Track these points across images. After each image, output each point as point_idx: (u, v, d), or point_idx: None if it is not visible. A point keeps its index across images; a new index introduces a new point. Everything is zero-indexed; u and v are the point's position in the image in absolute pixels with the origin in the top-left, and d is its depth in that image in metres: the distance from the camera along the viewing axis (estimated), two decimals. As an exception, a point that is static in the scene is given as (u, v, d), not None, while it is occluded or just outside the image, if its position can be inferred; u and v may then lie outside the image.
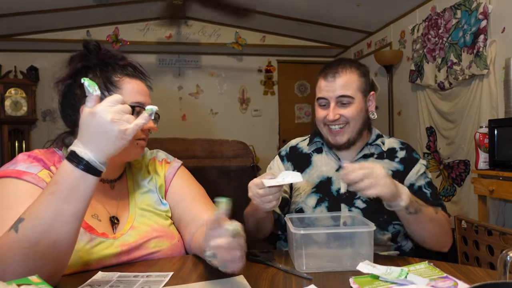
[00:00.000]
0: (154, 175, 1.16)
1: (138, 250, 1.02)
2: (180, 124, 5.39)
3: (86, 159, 0.76)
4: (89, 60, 1.01)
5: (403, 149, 1.33)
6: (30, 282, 0.76)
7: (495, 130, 2.27)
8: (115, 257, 0.98)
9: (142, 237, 1.03)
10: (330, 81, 1.25)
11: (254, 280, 0.87)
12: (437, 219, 1.14)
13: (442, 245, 1.19)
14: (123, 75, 1.01)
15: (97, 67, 1.00)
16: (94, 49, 1.02)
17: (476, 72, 2.80)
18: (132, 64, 1.06)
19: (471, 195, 2.92)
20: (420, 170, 1.28)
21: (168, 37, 5.01)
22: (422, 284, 0.79)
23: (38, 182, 0.91)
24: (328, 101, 1.26)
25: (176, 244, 1.08)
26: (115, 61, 1.03)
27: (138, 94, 1.01)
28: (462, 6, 2.98)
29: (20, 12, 3.95)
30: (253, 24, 4.86)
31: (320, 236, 0.99)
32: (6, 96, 4.54)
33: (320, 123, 1.30)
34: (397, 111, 4.16)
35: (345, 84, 1.24)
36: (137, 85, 1.02)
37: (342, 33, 4.75)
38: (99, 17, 4.49)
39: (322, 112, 1.28)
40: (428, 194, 1.24)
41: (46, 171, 0.94)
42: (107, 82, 0.99)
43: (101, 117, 0.75)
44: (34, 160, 0.95)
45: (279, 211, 1.32)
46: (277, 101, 5.68)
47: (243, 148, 2.28)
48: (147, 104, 0.99)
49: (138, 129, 0.79)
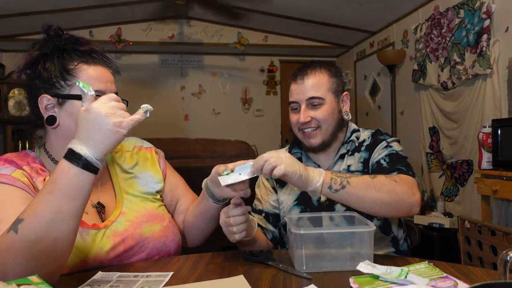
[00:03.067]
0: (141, 162, 1.15)
1: (132, 238, 1.02)
2: (183, 124, 5.40)
3: (83, 155, 0.76)
4: (46, 47, 0.99)
5: (370, 137, 1.28)
6: (30, 282, 0.77)
7: (499, 130, 2.26)
8: (111, 250, 0.98)
9: (132, 224, 1.03)
10: (300, 83, 1.24)
11: (254, 280, 0.87)
12: (377, 183, 1.04)
13: (406, 209, 1.06)
14: (80, 62, 0.97)
15: (54, 54, 0.98)
16: (55, 34, 0.99)
17: (479, 71, 2.79)
18: (93, 49, 1.02)
19: (474, 195, 2.91)
20: (382, 146, 1.22)
21: (170, 37, 5.02)
22: (422, 284, 0.78)
23: (13, 182, 0.89)
24: (299, 104, 1.24)
25: (167, 226, 1.09)
26: (74, 47, 0.99)
27: (97, 82, 0.96)
28: (465, 6, 2.96)
29: (23, 12, 3.97)
30: (255, 24, 4.86)
31: (320, 236, 0.99)
32: (9, 97, 4.56)
33: (294, 128, 1.28)
34: (400, 111, 4.15)
35: (314, 86, 1.23)
36: (95, 72, 0.98)
37: (344, 33, 4.74)
38: (102, 17, 4.50)
39: (294, 117, 1.26)
40: (384, 165, 1.17)
41: (20, 171, 0.92)
42: (63, 71, 0.96)
43: (96, 112, 0.77)
44: (6, 163, 0.93)
45: (272, 228, 1.32)
46: (280, 101, 5.68)
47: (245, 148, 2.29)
48: (109, 91, 0.97)
49: (134, 124, 0.80)
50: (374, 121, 4.58)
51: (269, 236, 1.32)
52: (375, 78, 4.66)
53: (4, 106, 4.52)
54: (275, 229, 1.32)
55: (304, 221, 1.13)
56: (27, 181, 0.92)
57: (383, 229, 1.23)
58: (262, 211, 1.34)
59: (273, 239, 1.32)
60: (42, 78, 0.97)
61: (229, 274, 0.91)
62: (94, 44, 1.03)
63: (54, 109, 0.97)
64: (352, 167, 1.26)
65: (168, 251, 1.08)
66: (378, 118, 4.56)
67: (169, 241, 1.08)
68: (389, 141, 1.24)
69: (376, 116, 4.63)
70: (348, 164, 1.26)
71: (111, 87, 1.00)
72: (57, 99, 0.96)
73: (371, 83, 4.75)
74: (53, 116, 0.96)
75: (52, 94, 0.96)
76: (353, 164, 1.26)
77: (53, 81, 0.96)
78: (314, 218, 1.14)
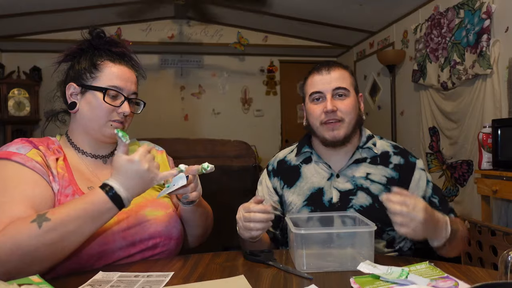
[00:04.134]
0: None
1: (135, 217, 1.06)
2: (182, 124, 5.40)
3: (121, 196, 0.91)
4: (84, 44, 1.11)
5: (397, 154, 1.26)
6: (31, 282, 0.77)
7: (499, 130, 2.26)
8: (115, 223, 1.02)
9: (136, 206, 1.07)
10: (325, 74, 1.23)
11: (254, 280, 0.87)
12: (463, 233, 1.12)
13: (458, 252, 1.17)
14: (107, 59, 1.08)
15: (89, 51, 1.10)
16: (96, 35, 1.11)
17: (479, 71, 2.79)
18: (124, 52, 1.13)
19: (474, 195, 2.91)
20: (422, 178, 1.23)
21: (170, 37, 5.02)
22: (423, 284, 0.78)
23: (25, 162, 0.97)
24: (323, 94, 1.22)
25: (170, 213, 1.12)
26: (108, 47, 1.11)
27: (117, 78, 1.07)
28: (465, 6, 2.96)
29: (23, 12, 3.97)
30: (255, 24, 4.86)
31: (321, 236, 0.99)
32: (9, 97, 4.57)
33: (316, 120, 1.23)
34: (400, 111, 4.15)
35: (340, 77, 1.23)
36: (118, 70, 1.08)
37: (344, 33, 4.74)
38: (102, 18, 4.50)
39: (317, 108, 1.23)
40: (436, 203, 1.21)
41: (35, 150, 1.01)
42: (91, 64, 1.07)
43: (139, 165, 0.92)
44: (26, 142, 1.03)
45: (273, 230, 1.31)
46: (279, 101, 5.68)
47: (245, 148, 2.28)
48: (127, 90, 1.08)
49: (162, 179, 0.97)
50: (374, 121, 4.58)
51: (270, 235, 1.32)
52: (375, 78, 4.66)
53: (4, 106, 4.52)
54: (274, 231, 1.31)
55: (314, 222, 1.13)
56: (41, 159, 1.00)
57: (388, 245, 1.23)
58: None
59: (274, 239, 1.32)
60: (73, 69, 1.10)
61: (229, 274, 0.91)
62: (127, 48, 1.15)
63: (77, 97, 1.08)
64: (373, 177, 1.23)
65: (169, 235, 1.09)
66: (378, 118, 4.56)
67: (171, 226, 1.10)
68: (422, 168, 1.26)
69: (376, 116, 4.63)
70: (367, 172, 1.24)
71: (131, 86, 1.09)
72: (81, 88, 1.07)
73: (371, 83, 4.75)
74: (75, 102, 1.08)
75: (78, 83, 1.07)
76: (374, 174, 1.24)
77: (81, 72, 1.08)
78: (324, 218, 1.14)
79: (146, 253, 1.06)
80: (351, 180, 1.24)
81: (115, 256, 1.01)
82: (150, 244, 1.06)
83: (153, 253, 1.07)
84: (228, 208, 1.36)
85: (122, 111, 1.06)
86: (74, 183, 1.03)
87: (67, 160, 1.07)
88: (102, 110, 1.04)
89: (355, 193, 1.22)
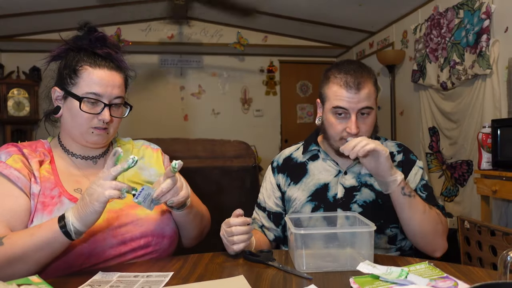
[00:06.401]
0: (146, 158, 1.20)
1: (126, 216, 1.05)
2: (182, 124, 5.40)
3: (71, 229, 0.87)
4: (69, 44, 1.09)
5: (400, 152, 1.30)
6: (30, 282, 0.77)
7: (498, 130, 2.26)
8: (105, 221, 1.01)
9: (128, 206, 1.06)
10: (354, 92, 1.16)
11: (254, 280, 0.87)
12: (431, 215, 1.13)
13: (434, 248, 1.17)
14: (86, 64, 1.04)
15: (73, 52, 1.07)
16: (84, 32, 1.09)
17: (479, 72, 2.79)
18: (109, 53, 1.07)
19: (474, 195, 2.91)
20: (418, 174, 1.27)
21: (170, 37, 5.01)
22: (423, 284, 0.78)
23: (2, 169, 0.98)
24: (348, 112, 1.17)
25: (164, 212, 1.12)
26: (93, 48, 1.07)
27: (96, 85, 1.03)
28: (465, 6, 2.96)
29: (22, 12, 3.97)
30: (255, 24, 4.86)
31: (320, 236, 0.99)
32: (8, 97, 4.56)
33: (335, 135, 1.20)
34: (400, 111, 4.15)
35: (367, 96, 1.18)
36: (98, 75, 1.04)
37: (344, 33, 4.74)
38: (101, 18, 4.49)
39: (339, 125, 1.18)
40: (424, 197, 1.22)
41: (17, 156, 1.02)
42: (71, 69, 1.05)
43: None
44: (12, 147, 1.04)
45: (274, 227, 1.32)
46: (279, 101, 5.68)
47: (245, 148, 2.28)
48: (108, 95, 1.04)
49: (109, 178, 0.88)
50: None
51: (271, 237, 1.32)
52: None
53: (3, 106, 4.51)
54: (277, 228, 1.32)
55: (315, 221, 1.13)
56: (21, 165, 1.00)
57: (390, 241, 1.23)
58: (265, 209, 1.34)
59: (276, 239, 1.32)
60: (59, 71, 1.10)
61: (229, 274, 0.91)
62: (114, 48, 1.09)
63: (61, 101, 1.08)
64: None
65: (162, 234, 1.08)
66: (378, 118, 4.54)
67: (164, 225, 1.09)
68: (421, 167, 1.28)
69: (375, 116, 4.63)
70: None
71: (112, 91, 1.05)
72: (64, 93, 1.06)
73: (371, 83, 4.74)
74: (59, 106, 1.08)
75: (61, 88, 1.07)
76: None
77: (63, 76, 1.07)
78: (325, 218, 1.14)
79: (138, 252, 1.05)
80: (357, 177, 1.26)
81: (106, 255, 1.00)
82: (142, 243, 1.05)
83: (145, 252, 1.06)
84: (228, 208, 1.36)
85: (102, 118, 1.03)
86: (60, 185, 1.03)
87: (54, 163, 1.07)
88: (82, 117, 1.03)
89: (359, 189, 1.24)
